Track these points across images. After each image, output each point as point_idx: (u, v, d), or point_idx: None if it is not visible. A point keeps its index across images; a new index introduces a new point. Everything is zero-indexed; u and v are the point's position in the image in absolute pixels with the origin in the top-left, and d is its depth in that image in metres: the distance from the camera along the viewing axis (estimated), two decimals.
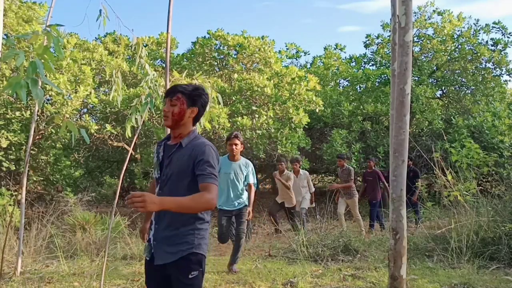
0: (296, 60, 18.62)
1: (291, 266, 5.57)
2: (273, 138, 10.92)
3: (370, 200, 9.36)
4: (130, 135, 4.61)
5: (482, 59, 14.53)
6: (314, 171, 16.41)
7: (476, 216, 5.85)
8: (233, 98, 11.28)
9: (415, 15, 14.96)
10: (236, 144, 5.52)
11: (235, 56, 13.21)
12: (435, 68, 15.10)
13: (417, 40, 15.11)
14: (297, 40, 57.26)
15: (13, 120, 8.70)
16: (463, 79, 15.17)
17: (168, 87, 4.60)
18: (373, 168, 9.60)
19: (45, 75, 2.80)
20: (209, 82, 5.37)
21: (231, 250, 5.71)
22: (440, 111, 13.43)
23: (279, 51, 16.74)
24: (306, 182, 8.97)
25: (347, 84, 16.40)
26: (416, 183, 8.92)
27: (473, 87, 14.96)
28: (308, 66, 18.37)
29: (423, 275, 4.98)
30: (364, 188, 9.63)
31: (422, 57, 15.58)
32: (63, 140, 9.91)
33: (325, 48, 18.17)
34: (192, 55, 13.59)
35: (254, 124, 10.61)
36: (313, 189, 9.11)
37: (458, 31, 15.00)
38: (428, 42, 15.16)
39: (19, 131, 8.67)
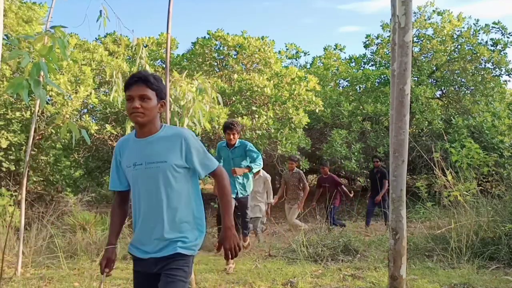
0: (296, 60, 18.65)
1: (291, 266, 5.57)
2: (273, 138, 10.93)
3: (330, 205, 8.84)
4: None
5: (482, 59, 14.54)
6: (314, 171, 16.42)
7: (476, 216, 5.86)
8: (233, 98, 11.29)
9: (415, 15, 14.98)
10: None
11: (235, 57, 13.23)
12: (434, 68, 15.12)
13: (416, 40, 15.13)
14: (297, 40, 57.32)
15: (13, 121, 8.71)
16: (463, 79, 15.18)
17: (168, 88, 4.61)
18: (329, 173, 9.51)
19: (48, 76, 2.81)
20: (209, 82, 5.38)
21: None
22: (439, 111, 13.44)
23: (279, 52, 16.76)
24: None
25: (346, 85, 16.42)
26: (384, 184, 9.23)
27: (473, 87, 14.97)
28: (308, 66, 18.39)
29: (423, 275, 4.99)
30: (319, 193, 9.38)
31: (422, 57, 15.59)
32: (63, 141, 9.91)
33: (324, 49, 18.19)
34: (192, 56, 13.60)
35: (254, 124, 10.62)
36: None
37: (458, 31, 15.01)
38: (428, 42, 15.17)
39: (19, 132, 8.67)
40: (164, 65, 13.34)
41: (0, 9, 6.21)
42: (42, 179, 9.69)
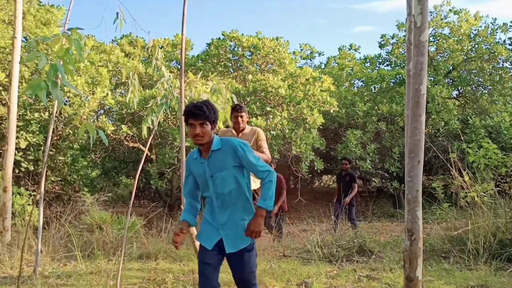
0: (311, 60, 18.61)
1: (305, 266, 5.57)
2: (287, 138, 10.92)
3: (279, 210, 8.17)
4: (146, 136, 4.67)
5: (500, 59, 14.33)
6: (329, 171, 16.38)
7: (494, 218, 5.78)
8: (248, 99, 11.32)
9: (431, 15, 14.82)
10: (242, 117, 5.03)
11: (250, 57, 13.26)
12: (451, 68, 14.95)
13: (433, 39, 14.97)
14: (311, 40, 57.15)
15: (32, 121, 8.86)
16: (480, 79, 14.98)
17: (183, 88, 4.64)
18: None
19: (65, 77, 2.86)
20: (223, 83, 5.40)
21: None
22: (456, 111, 13.29)
23: (293, 52, 16.77)
24: None
25: (361, 85, 16.33)
26: (353, 187, 8.90)
27: (490, 87, 14.77)
28: (323, 66, 18.34)
29: (439, 276, 4.94)
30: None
31: (438, 57, 15.43)
32: (80, 141, 10.05)
33: (339, 49, 18.13)
34: (207, 57, 13.67)
35: (269, 125, 10.63)
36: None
37: (475, 30, 14.82)
38: (444, 41, 15.00)
39: (37, 132, 8.82)
40: (179, 66, 13.43)
41: (19, 12, 6.34)
42: (60, 179, 9.83)
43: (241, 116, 5.00)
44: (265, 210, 2.94)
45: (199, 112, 2.87)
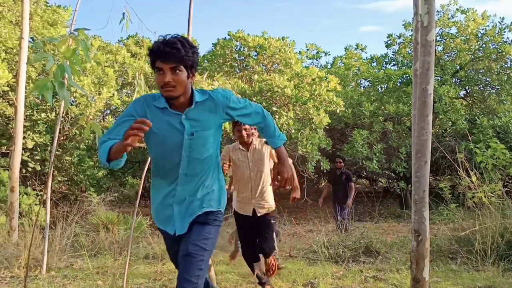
0: (317, 60, 18.58)
1: (311, 267, 5.55)
2: (293, 139, 10.91)
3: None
4: None
5: (507, 58, 14.23)
6: None
7: (502, 218, 5.74)
8: (254, 99, 11.31)
9: (438, 14, 14.74)
10: (245, 129, 4.28)
11: (256, 57, 13.26)
12: (458, 67, 14.86)
13: (440, 39, 14.89)
14: (317, 40, 57.09)
15: (38, 122, 8.91)
16: (488, 79, 14.88)
17: None
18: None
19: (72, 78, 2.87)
20: (229, 83, 5.40)
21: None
22: (464, 111, 13.22)
23: (300, 52, 16.74)
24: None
25: (368, 85, 16.28)
26: (349, 186, 8.65)
27: (498, 87, 14.67)
28: (329, 66, 18.30)
29: (447, 277, 4.91)
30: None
31: (445, 56, 15.35)
32: (87, 141, 10.09)
33: (345, 49, 18.09)
34: (213, 57, 13.68)
35: None
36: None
37: (482, 29, 14.73)
38: (452, 41, 14.92)
39: (44, 132, 8.87)
40: None
41: (26, 12, 6.37)
42: (66, 179, 9.88)
43: (245, 129, 4.26)
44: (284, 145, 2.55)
45: (170, 51, 2.10)
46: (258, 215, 4.32)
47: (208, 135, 2.31)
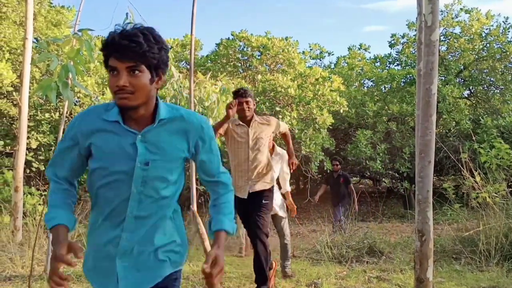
0: (320, 60, 18.56)
1: (315, 267, 5.55)
2: (297, 139, 10.90)
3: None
4: None
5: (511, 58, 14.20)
6: None
7: (506, 218, 5.72)
8: (257, 99, 11.32)
9: (441, 14, 14.72)
10: (247, 102, 4.08)
11: (259, 57, 13.26)
12: (462, 67, 14.83)
13: (443, 39, 14.86)
14: (321, 40, 57.06)
15: (42, 122, 8.94)
16: (492, 79, 14.84)
17: (192, 89, 4.64)
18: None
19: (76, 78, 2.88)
20: (233, 83, 5.41)
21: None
22: (467, 111, 13.18)
23: (303, 52, 16.73)
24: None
25: (371, 85, 16.26)
26: (349, 189, 8.61)
27: (502, 87, 14.63)
28: (332, 66, 18.29)
29: (450, 277, 4.89)
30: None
31: (449, 56, 15.31)
32: None
33: (349, 48, 18.06)
34: (216, 57, 13.69)
35: None
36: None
37: (486, 29, 14.69)
38: (455, 41, 14.89)
39: (48, 132, 8.89)
40: (188, 67, 13.49)
41: (30, 13, 6.39)
42: None
43: (247, 102, 4.04)
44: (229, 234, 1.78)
45: (127, 45, 1.49)
46: (251, 191, 4.04)
47: (170, 168, 1.68)
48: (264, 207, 4.04)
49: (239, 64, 13.72)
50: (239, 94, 4.06)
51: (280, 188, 5.17)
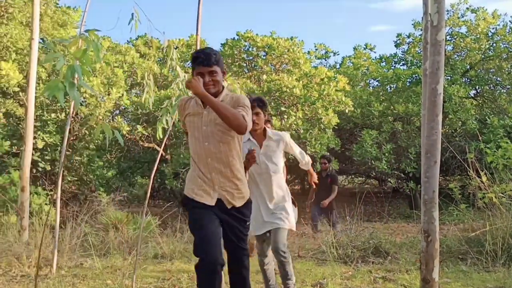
0: (325, 60, 18.51)
1: (320, 267, 5.54)
2: (302, 139, 10.88)
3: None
4: (160, 136, 4.69)
5: None
6: (344, 172, 16.29)
7: None
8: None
9: (447, 13, 14.65)
10: (257, 114, 3.76)
11: (264, 57, 13.25)
12: (468, 67, 14.74)
13: (449, 38, 14.79)
14: (326, 40, 56.96)
15: (48, 122, 8.98)
16: (498, 78, 14.75)
17: None
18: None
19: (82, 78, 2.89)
20: (238, 83, 5.41)
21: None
22: (474, 111, 13.10)
23: (308, 52, 16.69)
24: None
25: (377, 84, 16.19)
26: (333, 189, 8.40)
27: (509, 86, 14.54)
28: (338, 66, 18.24)
29: (456, 278, 4.88)
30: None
31: (455, 56, 15.23)
32: (96, 141, 10.15)
33: (354, 48, 18.00)
34: (221, 57, 13.69)
35: (283, 125, 10.60)
36: None
37: (493, 28, 14.60)
38: (461, 40, 14.81)
39: (54, 133, 8.93)
40: None
41: (36, 13, 6.42)
42: (76, 179, 9.95)
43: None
44: None
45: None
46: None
47: None
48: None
49: (244, 64, 13.72)
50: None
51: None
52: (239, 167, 2.98)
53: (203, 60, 2.92)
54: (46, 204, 7.64)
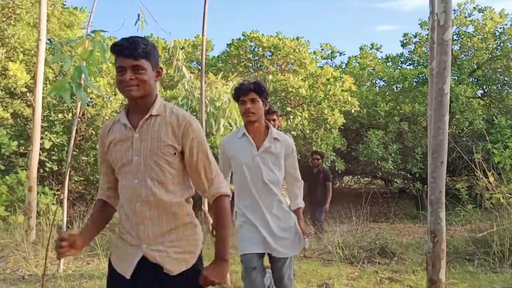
0: (331, 60, 18.48)
1: (326, 267, 5.53)
2: (308, 139, 10.88)
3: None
4: None
5: None
6: (350, 172, 16.26)
7: None
8: (268, 99, 11.31)
9: (454, 13, 14.58)
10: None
11: (270, 58, 13.26)
12: (475, 66, 14.66)
13: (456, 38, 14.72)
14: (332, 40, 56.86)
15: (56, 122, 9.02)
16: (506, 78, 14.65)
17: (204, 89, 4.66)
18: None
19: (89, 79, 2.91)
20: None
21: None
22: (481, 111, 13.03)
23: (314, 52, 16.68)
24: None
25: (383, 84, 16.16)
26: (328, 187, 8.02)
27: None
28: (344, 66, 18.21)
29: (463, 279, 4.85)
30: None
31: (462, 55, 15.16)
32: None
33: (360, 48, 17.97)
34: (227, 57, 13.72)
35: (289, 125, 10.60)
36: None
37: (500, 28, 14.51)
38: (469, 40, 14.73)
39: (61, 133, 8.97)
40: (200, 67, 13.53)
41: (43, 14, 6.47)
42: (83, 179, 9.99)
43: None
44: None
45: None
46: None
47: None
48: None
49: (250, 65, 13.73)
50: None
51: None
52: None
53: (124, 48, 1.92)
54: (53, 204, 7.68)
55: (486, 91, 15.36)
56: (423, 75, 14.03)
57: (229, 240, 1.95)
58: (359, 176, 19.21)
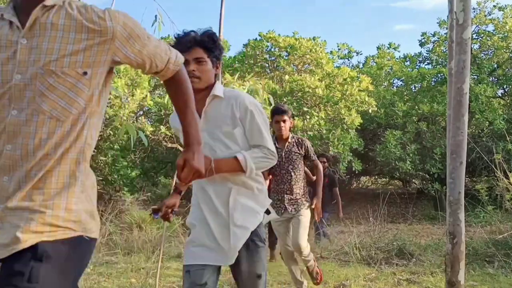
0: (348, 60, 18.40)
1: (343, 268, 5.50)
2: (324, 139, 10.83)
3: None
4: None
5: None
6: (367, 172, 16.14)
7: None
8: (284, 99, 11.30)
9: (474, 11, 14.38)
10: (284, 121, 4.06)
11: (286, 58, 13.24)
12: (495, 66, 14.43)
13: (476, 37, 14.51)
14: (349, 40, 56.46)
15: None
16: None
17: None
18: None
19: None
20: (260, 83, 5.41)
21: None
22: (501, 110, 12.83)
23: (331, 52, 16.63)
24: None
25: (401, 84, 16.02)
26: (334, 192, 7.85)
27: None
28: (361, 66, 18.10)
29: (483, 281, 4.78)
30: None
31: (482, 54, 14.93)
32: (121, 142, 10.29)
33: (378, 48, 17.84)
34: (244, 57, 13.75)
35: (306, 125, 10.57)
36: None
37: None
38: (488, 39, 14.51)
39: None
40: None
41: None
42: (101, 178, 10.11)
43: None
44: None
45: None
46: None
47: None
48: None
49: (267, 65, 13.74)
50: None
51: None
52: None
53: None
54: None
55: (506, 90, 15.11)
56: (441, 74, 13.87)
57: (197, 117, 1.64)
58: (376, 177, 19.04)
